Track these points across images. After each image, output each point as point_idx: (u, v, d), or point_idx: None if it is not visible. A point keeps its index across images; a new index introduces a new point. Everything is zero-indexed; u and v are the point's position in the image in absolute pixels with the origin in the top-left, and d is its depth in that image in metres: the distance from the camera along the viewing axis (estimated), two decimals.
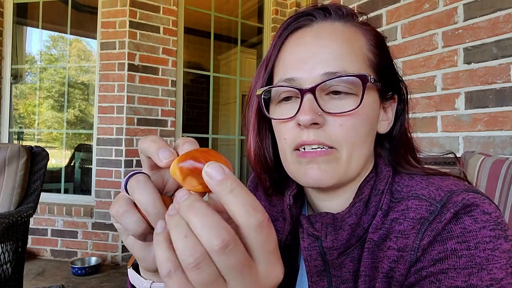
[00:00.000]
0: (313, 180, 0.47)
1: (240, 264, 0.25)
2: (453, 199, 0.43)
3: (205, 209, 0.26)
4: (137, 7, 3.03)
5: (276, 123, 0.52)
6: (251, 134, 0.56)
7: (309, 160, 0.47)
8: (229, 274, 0.26)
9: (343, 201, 0.52)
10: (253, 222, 0.26)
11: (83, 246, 3.06)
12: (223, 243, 0.25)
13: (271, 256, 0.27)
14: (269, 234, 0.26)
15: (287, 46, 0.51)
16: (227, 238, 0.25)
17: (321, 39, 0.49)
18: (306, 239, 0.49)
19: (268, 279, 0.27)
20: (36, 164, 1.82)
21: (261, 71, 0.55)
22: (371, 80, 0.46)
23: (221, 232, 0.25)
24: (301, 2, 3.76)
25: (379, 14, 1.95)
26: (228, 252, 0.25)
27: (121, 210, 0.33)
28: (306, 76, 0.47)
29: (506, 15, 1.45)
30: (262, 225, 0.26)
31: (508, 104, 1.44)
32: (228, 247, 0.25)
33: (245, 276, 0.26)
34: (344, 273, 0.48)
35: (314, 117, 0.45)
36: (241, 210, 0.26)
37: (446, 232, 0.41)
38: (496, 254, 0.39)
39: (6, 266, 1.58)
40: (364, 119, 0.48)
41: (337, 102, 0.47)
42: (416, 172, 0.51)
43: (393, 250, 0.44)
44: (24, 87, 3.69)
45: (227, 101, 5.27)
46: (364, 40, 0.50)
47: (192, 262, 0.25)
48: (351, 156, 0.47)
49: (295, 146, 0.48)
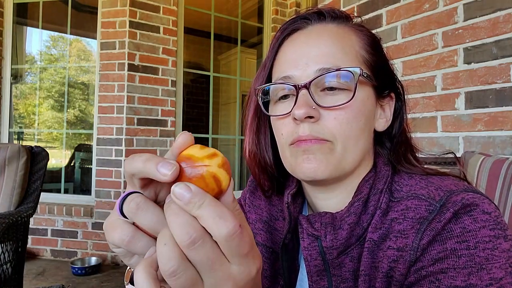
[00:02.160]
0: (308, 170, 0.48)
1: (209, 260, 0.28)
2: (453, 198, 0.43)
3: (176, 209, 0.28)
4: (137, 7, 3.03)
5: (274, 121, 0.54)
6: (249, 134, 0.58)
7: (304, 149, 0.48)
8: (201, 269, 0.28)
9: (341, 200, 0.52)
10: (222, 232, 0.27)
11: (83, 246, 3.06)
12: (190, 239, 0.27)
13: (244, 259, 0.29)
14: (241, 240, 0.28)
15: (284, 48, 0.54)
16: (194, 235, 0.27)
17: (313, 38, 0.51)
18: (305, 239, 0.49)
19: (242, 275, 0.29)
20: (36, 164, 1.82)
21: (261, 73, 0.57)
22: (363, 74, 0.48)
23: (188, 229, 0.27)
24: (301, 2, 3.76)
25: (379, 14, 1.95)
26: (196, 248, 0.27)
27: (126, 238, 0.31)
28: (300, 74, 0.49)
29: (506, 15, 1.45)
30: (230, 233, 0.28)
31: (508, 104, 1.44)
32: (196, 243, 0.27)
33: (217, 271, 0.28)
34: (344, 272, 0.49)
35: (308, 111, 0.46)
36: (210, 222, 0.28)
37: (446, 231, 0.41)
38: (495, 254, 0.39)
39: (6, 266, 1.58)
40: (357, 113, 0.49)
41: (332, 97, 0.48)
42: (416, 171, 0.51)
43: (392, 249, 0.44)
44: (24, 87, 3.69)
45: (227, 101, 5.27)
46: (356, 39, 0.52)
47: (169, 270, 0.27)
48: (346, 149, 0.48)
49: (291, 141, 0.49)
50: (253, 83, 0.58)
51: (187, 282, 0.28)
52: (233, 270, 0.29)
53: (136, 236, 0.32)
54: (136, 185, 0.33)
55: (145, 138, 3.10)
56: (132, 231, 0.32)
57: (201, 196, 0.28)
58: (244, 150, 0.59)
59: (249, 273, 0.30)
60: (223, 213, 0.28)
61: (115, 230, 0.32)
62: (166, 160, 0.30)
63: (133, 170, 0.31)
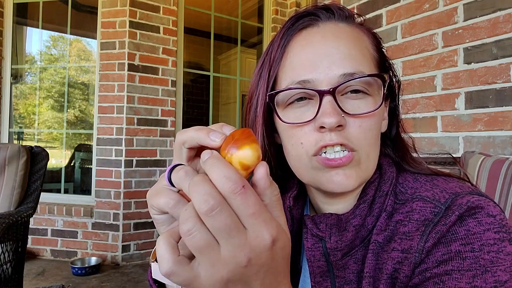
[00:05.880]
0: (339, 186, 0.46)
1: (226, 226, 0.29)
2: (458, 201, 0.43)
3: (198, 179, 0.30)
4: (137, 7, 3.03)
5: (289, 128, 0.49)
6: (259, 140, 0.54)
7: (335, 166, 0.46)
8: (218, 235, 0.29)
9: (348, 203, 0.52)
10: (226, 189, 0.29)
11: (83, 246, 3.06)
12: (209, 206, 0.28)
13: (252, 219, 0.29)
14: (245, 199, 0.29)
15: (293, 47, 0.50)
16: (212, 203, 0.28)
17: (331, 39, 0.48)
18: (309, 240, 0.49)
19: (256, 241, 0.29)
20: (36, 164, 1.82)
21: (264, 74, 0.52)
22: (390, 79, 0.47)
23: (207, 198, 0.29)
24: (301, 2, 3.76)
25: (379, 14, 1.95)
26: (214, 215, 0.28)
27: (172, 201, 0.35)
28: (322, 78, 0.46)
29: (506, 15, 1.45)
30: (235, 191, 0.29)
31: (508, 104, 1.44)
32: (214, 210, 0.28)
33: (233, 237, 0.29)
34: (348, 274, 0.48)
35: (339, 119, 0.44)
36: (217, 179, 0.30)
37: (451, 234, 0.41)
38: (500, 257, 0.39)
39: (6, 266, 1.58)
40: (378, 120, 0.48)
41: (354, 102, 0.47)
42: (421, 169, 0.51)
43: (397, 251, 0.44)
44: (24, 87, 3.69)
45: (227, 101, 5.27)
46: (368, 40, 0.51)
47: (185, 229, 0.29)
48: (368, 157, 0.47)
49: (315, 151, 0.46)
50: (255, 84, 0.54)
51: (201, 242, 0.29)
52: (249, 237, 0.29)
53: (181, 202, 0.35)
54: (184, 156, 0.37)
55: (145, 138, 3.10)
56: (177, 196, 0.35)
57: (216, 157, 0.31)
58: None
59: (262, 239, 0.29)
60: (230, 173, 0.30)
61: (161, 195, 0.36)
62: (216, 131, 0.34)
63: (185, 137, 0.35)
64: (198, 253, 0.30)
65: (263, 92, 0.52)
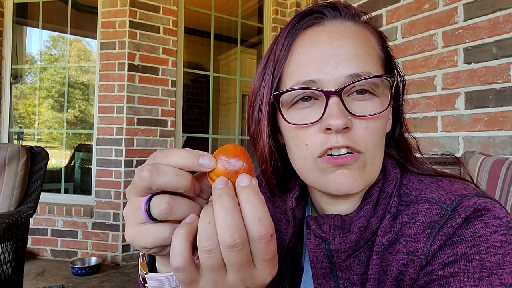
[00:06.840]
0: (343, 186, 0.45)
1: (240, 263, 0.30)
2: (464, 203, 0.42)
3: (229, 205, 0.30)
4: (137, 7, 3.03)
5: (293, 128, 0.48)
6: (264, 141, 0.52)
7: (340, 165, 0.45)
8: (230, 266, 0.30)
9: (351, 204, 0.51)
10: (255, 232, 0.29)
11: (83, 246, 3.06)
12: (233, 243, 0.29)
13: (266, 264, 0.31)
14: (268, 246, 0.30)
15: (299, 46, 0.48)
16: (238, 241, 0.29)
17: (337, 38, 0.46)
18: (312, 241, 0.48)
19: (260, 279, 0.32)
20: (36, 164, 1.82)
21: (268, 73, 0.50)
22: (398, 80, 0.47)
23: (234, 233, 0.29)
24: (301, 2, 3.76)
25: (379, 14, 1.95)
26: (235, 251, 0.29)
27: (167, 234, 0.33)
28: (328, 78, 0.45)
29: (506, 15, 1.45)
30: (262, 237, 0.29)
31: (508, 104, 1.44)
32: (236, 247, 0.29)
33: (243, 272, 0.30)
34: (352, 276, 0.48)
35: (346, 121, 0.43)
36: (250, 217, 0.30)
37: (457, 236, 0.41)
38: (507, 259, 0.39)
39: (6, 266, 1.58)
40: (384, 121, 0.48)
41: (361, 103, 0.46)
42: (425, 170, 0.51)
43: (402, 253, 0.44)
44: (24, 87, 3.69)
45: (227, 101, 5.27)
46: (374, 40, 0.50)
47: (206, 247, 0.30)
48: (373, 160, 0.47)
49: (321, 153, 0.45)
50: (258, 83, 0.52)
51: (217, 264, 0.30)
52: (255, 274, 0.31)
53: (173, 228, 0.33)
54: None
55: (145, 138, 3.10)
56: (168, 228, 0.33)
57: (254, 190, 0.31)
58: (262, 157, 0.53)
59: (265, 279, 0.32)
60: (264, 214, 0.30)
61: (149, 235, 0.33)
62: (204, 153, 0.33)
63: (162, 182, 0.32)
64: (207, 269, 0.31)
65: (267, 91, 0.50)
